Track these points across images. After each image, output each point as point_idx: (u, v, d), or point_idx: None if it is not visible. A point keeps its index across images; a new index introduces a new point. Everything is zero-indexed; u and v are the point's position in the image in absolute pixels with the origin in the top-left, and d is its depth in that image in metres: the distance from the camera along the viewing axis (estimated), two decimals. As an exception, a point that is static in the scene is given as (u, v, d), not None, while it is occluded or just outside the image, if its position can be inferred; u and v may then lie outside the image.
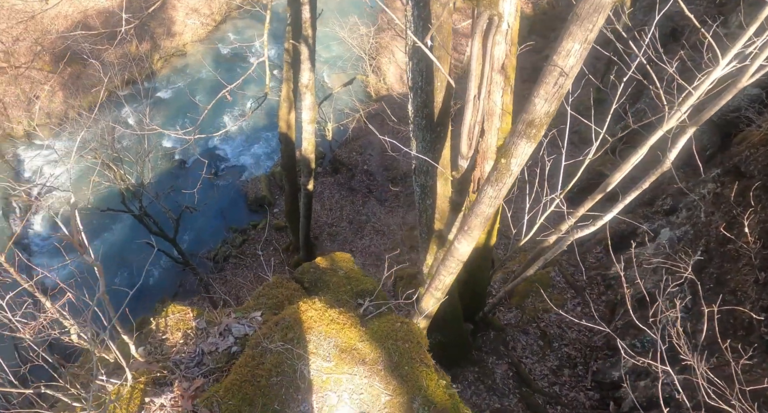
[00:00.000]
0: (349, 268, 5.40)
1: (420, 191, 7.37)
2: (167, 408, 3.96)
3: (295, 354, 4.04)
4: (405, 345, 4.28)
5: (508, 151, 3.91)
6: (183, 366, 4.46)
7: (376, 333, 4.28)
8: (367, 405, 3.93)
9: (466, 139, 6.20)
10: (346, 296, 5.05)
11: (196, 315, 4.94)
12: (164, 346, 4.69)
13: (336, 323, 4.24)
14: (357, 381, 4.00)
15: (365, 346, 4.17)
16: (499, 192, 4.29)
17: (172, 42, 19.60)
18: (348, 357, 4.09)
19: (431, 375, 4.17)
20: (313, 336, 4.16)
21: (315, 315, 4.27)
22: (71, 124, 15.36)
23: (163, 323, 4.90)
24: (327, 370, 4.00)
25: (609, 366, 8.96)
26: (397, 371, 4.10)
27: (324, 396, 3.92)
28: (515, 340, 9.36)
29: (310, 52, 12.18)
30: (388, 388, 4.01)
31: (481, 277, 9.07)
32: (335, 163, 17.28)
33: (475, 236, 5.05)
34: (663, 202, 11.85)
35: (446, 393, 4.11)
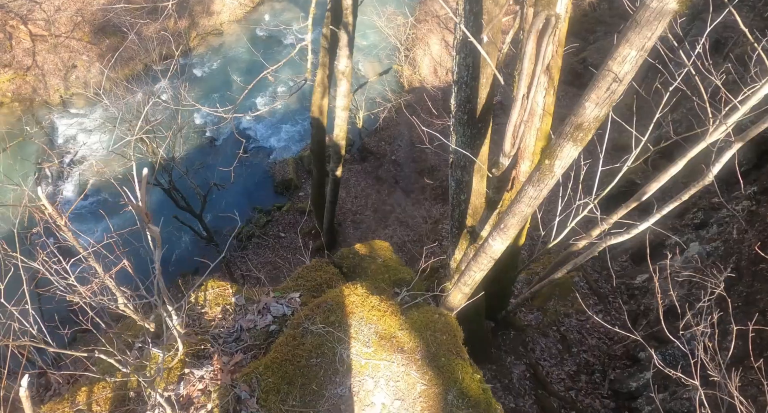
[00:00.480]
0: (387, 257, 5.44)
1: (455, 186, 7.37)
2: (206, 381, 4.05)
3: (336, 338, 4.09)
4: (443, 336, 4.31)
5: (553, 153, 3.90)
6: (221, 341, 4.54)
7: (415, 323, 4.32)
8: (403, 392, 3.97)
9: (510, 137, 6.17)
10: (384, 284, 5.10)
11: (235, 291, 5.02)
12: (203, 320, 4.77)
13: (377, 310, 4.29)
14: (394, 369, 4.05)
15: (404, 335, 4.21)
16: (540, 192, 4.28)
17: (210, 20, 19.71)
18: (387, 344, 4.14)
19: (467, 368, 4.20)
20: (354, 320, 4.21)
21: (357, 300, 4.32)
22: (107, 95, 15.53)
23: (202, 297, 4.98)
24: (366, 355, 4.05)
25: (627, 376, 8.92)
26: (434, 362, 4.13)
27: (361, 380, 3.97)
28: (534, 342, 9.36)
29: (350, 39, 12.17)
30: (424, 378, 4.05)
31: (507, 276, 9.06)
32: (364, 152, 17.31)
33: (511, 235, 5.05)
34: (694, 216, 11.71)
35: (480, 388, 4.15)
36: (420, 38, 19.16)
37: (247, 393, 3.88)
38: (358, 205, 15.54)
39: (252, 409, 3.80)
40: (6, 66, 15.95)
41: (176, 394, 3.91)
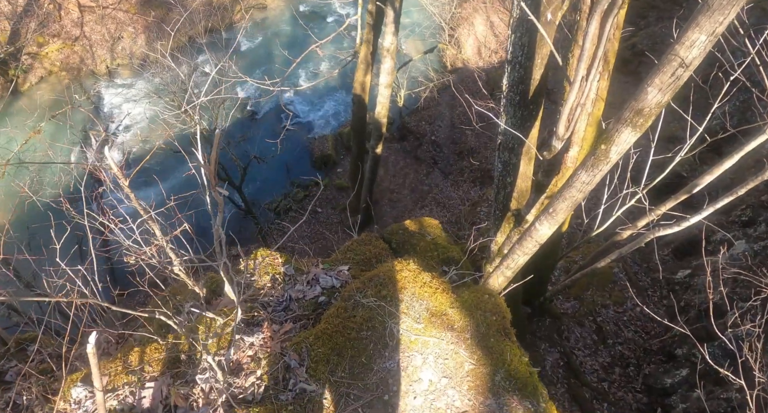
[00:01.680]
0: (436, 234, 5.40)
1: (502, 167, 7.27)
2: (256, 347, 4.09)
3: (387, 312, 4.09)
4: (492, 317, 4.27)
5: (610, 138, 3.77)
6: (270, 309, 4.59)
7: (465, 302, 4.29)
8: (451, 370, 3.96)
9: (565, 120, 6.02)
10: (433, 262, 5.07)
11: (284, 261, 5.05)
12: (253, 288, 4.82)
13: (429, 286, 4.26)
14: (443, 346, 4.03)
15: (455, 313, 4.18)
16: (593, 178, 4.16)
17: (252, 0, 19.72)
18: (438, 322, 4.12)
19: (515, 350, 4.15)
20: (405, 296, 4.19)
21: (409, 275, 4.30)
22: (152, 66, 15.74)
23: (252, 265, 5.03)
24: (416, 331, 4.04)
25: (662, 371, 8.76)
26: (483, 342, 4.10)
27: (410, 356, 3.97)
28: (570, 331, 9.25)
29: (396, 15, 12.01)
30: (473, 357, 4.02)
31: (546, 263, 8.94)
32: (403, 130, 17.20)
33: (560, 220, 4.94)
34: (742, 213, 11.34)
35: (528, 370, 4.10)
36: (465, 18, 18.81)
37: (296, 361, 3.91)
38: (396, 183, 15.49)
39: (301, 378, 3.84)
40: (55, 36, 16.25)
41: (226, 359, 3.96)
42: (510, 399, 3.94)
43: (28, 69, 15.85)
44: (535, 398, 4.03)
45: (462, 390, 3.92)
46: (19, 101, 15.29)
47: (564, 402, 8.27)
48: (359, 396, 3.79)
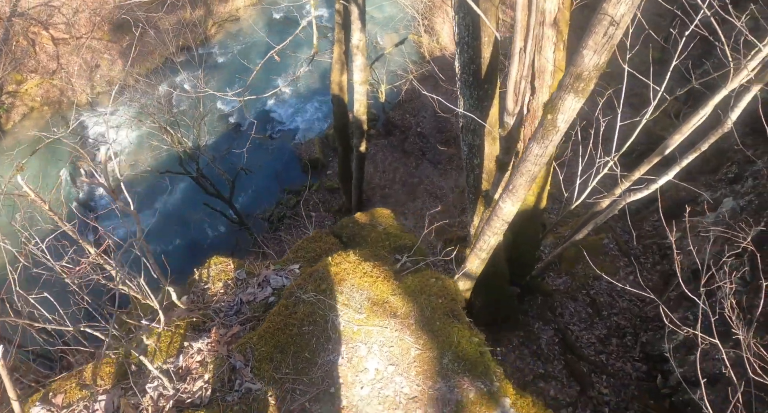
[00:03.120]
0: (388, 224, 5.40)
1: (467, 150, 7.26)
2: (204, 352, 4.13)
3: (327, 305, 4.10)
4: (438, 300, 4.26)
5: (555, 107, 3.75)
6: (222, 314, 4.63)
7: (409, 288, 4.28)
8: (397, 357, 3.96)
9: (512, 94, 6.00)
10: (384, 251, 5.07)
11: (236, 266, 5.09)
12: (206, 295, 4.87)
13: (369, 276, 4.27)
14: (387, 334, 4.03)
15: (397, 300, 4.18)
16: (545, 150, 4.15)
17: (226, 7, 19.79)
18: (380, 310, 4.12)
19: (463, 331, 4.14)
20: (345, 287, 4.20)
21: (348, 267, 4.31)
22: (130, 91, 15.92)
23: (206, 273, 5.07)
24: (358, 322, 4.05)
25: (659, 338, 8.66)
26: (428, 326, 4.10)
27: (354, 346, 3.98)
28: (563, 306, 9.19)
29: (360, 12, 12.05)
30: (419, 342, 4.02)
31: (530, 240, 8.89)
32: (388, 125, 17.20)
33: (521, 195, 4.93)
34: (727, 170, 11.20)
35: (477, 351, 4.09)
36: (438, 6, 18.74)
37: (242, 362, 3.95)
38: (386, 179, 15.50)
39: (246, 378, 3.87)
40: (33, 71, 16.49)
41: (175, 366, 4.01)
42: (461, 381, 3.94)
43: (10, 108, 16.12)
44: (488, 378, 4.02)
45: (410, 376, 3.92)
46: (4, 141, 15.57)
47: (562, 378, 8.22)
48: (305, 390, 3.81)
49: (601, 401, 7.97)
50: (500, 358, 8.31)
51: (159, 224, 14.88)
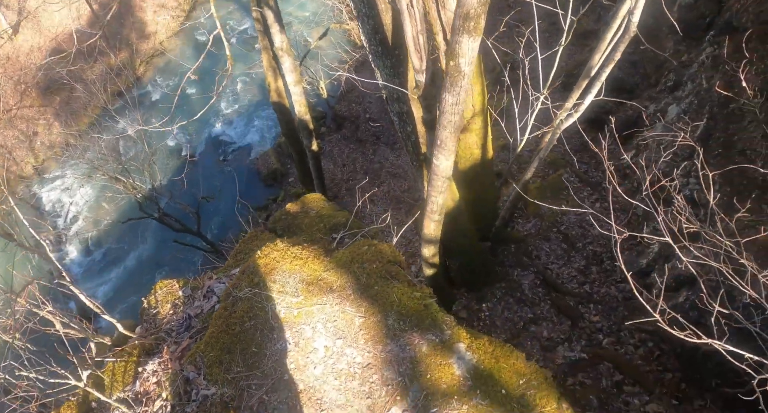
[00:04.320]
0: (320, 207, 5.46)
1: (398, 120, 7.32)
2: (159, 373, 4.19)
3: (264, 297, 4.17)
4: (372, 265, 4.33)
5: (454, 52, 3.82)
6: (174, 333, 4.68)
7: (341, 261, 4.35)
8: (343, 330, 4.04)
9: (414, 51, 6.07)
10: (320, 233, 5.13)
11: (182, 284, 5.14)
12: (157, 319, 4.92)
13: (299, 258, 4.33)
14: (328, 310, 4.10)
15: (331, 275, 4.25)
16: (459, 97, 4.22)
17: (148, 43, 19.71)
18: (315, 289, 4.19)
19: (403, 289, 4.22)
20: (278, 275, 4.27)
21: (278, 255, 4.37)
22: (74, 149, 15.86)
23: (153, 299, 5.12)
24: (297, 305, 4.12)
25: (636, 255, 8.81)
26: (366, 292, 4.17)
27: (298, 330, 4.05)
28: (538, 249, 9.30)
29: (275, 14, 12.10)
30: (360, 310, 4.10)
31: (487, 193, 9.00)
32: (337, 119, 17.24)
33: (451, 148, 5.01)
34: (666, 79, 11.36)
35: (421, 305, 4.17)
36: None
37: (194, 372, 4.01)
38: (348, 171, 15.56)
39: (201, 386, 3.93)
40: (-31, 155, 16.41)
41: (132, 392, 4.07)
42: (410, 338, 4.02)
43: (-45, 195, 15.99)
44: (437, 328, 4.10)
45: (359, 345, 4.00)
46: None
47: (551, 317, 8.34)
48: (260, 384, 3.88)
49: (594, 329, 8.10)
50: (487, 315, 8.42)
51: (135, 272, 14.88)
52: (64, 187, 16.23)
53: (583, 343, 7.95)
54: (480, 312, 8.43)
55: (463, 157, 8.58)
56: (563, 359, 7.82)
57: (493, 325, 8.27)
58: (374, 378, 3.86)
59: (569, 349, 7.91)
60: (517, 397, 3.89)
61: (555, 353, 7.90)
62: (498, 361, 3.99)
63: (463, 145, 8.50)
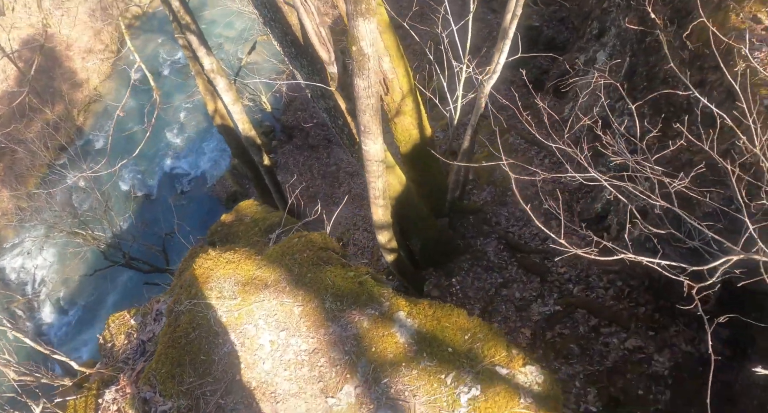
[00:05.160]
0: (254, 212, 5.64)
1: (327, 115, 7.56)
2: (118, 400, 4.33)
3: (204, 306, 4.32)
4: (303, 255, 4.52)
5: (354, 37, 4.00)
6: (130, 361, 4.82)
7: (272, 256, 4.53)
8: (284, 322, 4.21)
9: (319, 45, 6.31)
10: (257, 237, 5.30)
11: (133, 313, 5.27)
12: (114, 352, 5.05)
13: (232, 262, 4.50)
14: (267, 306, 4.28)
15: (264, 272, 4.42)
16: (369, 80, 4.41)
17: (83, 91, 19.70)
18: (251, 288, 4.36)
19: (336, 271, 4.40)
20: (213, 282, 4.43)
21: (211, 263, 4.53)
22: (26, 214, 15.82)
23: (108, 333, 5.24)
24: (236, 307, 4.28)
25: (590, 201, 9.10)
26: (301, 281, 4.35)
27: (242, 330, 4.21)
28: (497, 215, 9.55)
29: (199, 37, 12.24)
30: (298, 300, 4.28)
31: (432, 171, 9.21)
32: (286, 129, 17.42)
33: (376, 132, 5.20)
34: (591, 28, 11.72)
35: (355, 283, 4.36)
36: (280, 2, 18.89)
37: (150, 392, 4.15)
38: (306, 179, 15.73)
39: (159, 403, 4.08)
40: None
41: (94, 425, 4.20)
42: (350, 316, 4.21)
43: None
44: (375, 302, 4.29)
45: (302, 333, 4.18)
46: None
47: (521, 278, 8.60)
48: (214, 390, 4.04)
49: (563, 280, 8.36)
50: (459, 288, 8.64)
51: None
52: (24, 253, 16.20)
53: (555, 296, 8.21)
54: (451, 287, 8.65)
55: (402, 140, 8.79)
56: (539, 315, 8.07)
57: (466, 297, 8.49)
58: (322, 362, 4.04)
59: (543, 304, 8.16)
60: (465, 352, 4.09)
61: (530, 311, 8.15)
62: (440, 322, 4.19)
63: (399, 128, 8.71)
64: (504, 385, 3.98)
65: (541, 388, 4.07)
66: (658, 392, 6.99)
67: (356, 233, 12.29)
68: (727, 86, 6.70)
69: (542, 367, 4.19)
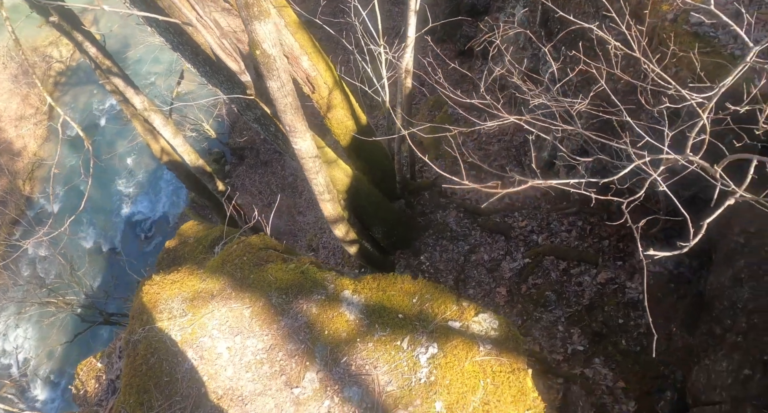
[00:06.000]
0: (195, 232, 5.79)
1: (258, 126, 7.76)
2: (97, 442, 4.47)
3: (157, 329, 4.48)
4: (243, 258, 4.69)
5: (254, 41, 4.17)
6: (103, 402, 4.96)
7: (214, 267, 4.70)
8: (237, 326, 4.38)
9: (226, 57, 6.48)
10: (202, 255, 5.45)
11: (99, 356, 5.40)
12: (88, 399, 5.18)
13: (176, 282, 4.66)
14: (218, 315, 4.44)
15: (208, 283, 4.59)
16: (281, 80, 4.57)
17: (23, 159, 19.63)
18: (199, 302, 4.52)
19: (277, 267, 4.59)
20: (162, 305, 4.58)
21: (156, 288, 4.68)
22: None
23: (79, 382, 5.37)
24: (188, 323, 4.44)
25: (539, 149, 9.38)
26: (245, 284, 4.53)
27: (198, 344, 4.37)
28: (450, 186, 9.78)
29: (124, 79, 12.31)
30: (245, 302, 4.45)
31: (376, 157, 9.42)
32: (236, 152, 17.56)
33: (302, 129, 5.37)
34: (508, -15, 12.03)
35: (297, 273, 4.54)
36: (193, 24, 18.98)
37: (123, 425, 4.30)
38: (266, 196, 15.87)
39: (133, 433, 4.22)
40: None
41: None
42: (298, 306, 4.39)
43: None
44: (320, 287, 4.48)
45: (257, 333, 4.35)
46: None
47: (486, 240, 8.84)
48: (183, 407, 4.20)
49: (526, 231, 8.63)
50: (428, 264, 8.86)
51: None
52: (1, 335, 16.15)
53: (522, 250, 8.47)
54: (421, 265, 8.87)
55: (340, 133, 9.00)
56: (510, 271, 8.33)
57: (438, 271, 8.72)
58: (281, 356, 4.22)
59: (512, 261, 8.42)
60: (415, 315, 4.30)
61: (501, 270, 8.40)
62: (386, 292, 4.40)
63: (335, 122, 8.91)
64: (460, 338, 4.19)
65: (497, 332, 4.28)
66: (637, 317, 7.28)
67: (323, 236, 12.46)
68: (633, 9, 7.00)
69: (494, 313, 4.42)
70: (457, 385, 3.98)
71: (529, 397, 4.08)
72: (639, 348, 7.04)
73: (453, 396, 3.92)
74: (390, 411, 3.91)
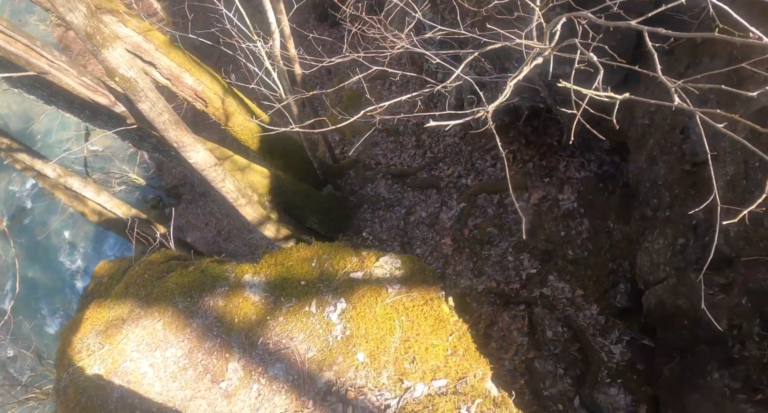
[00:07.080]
0: (107, 269, 6.04)
1: (159, 153, 8.08)
2: None
3: (79, 369, 4.68)
4: (145, 276, 4.92)
5: (109, 69, 4.37)
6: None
7: (118, 294, 4.92)
8: (153, 341, 4.60)
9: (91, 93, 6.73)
10: (118, 291, 5.66)
11: None
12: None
13: (86, 319, 4.89)
14: (132, 337, 4.66)
15: (117, 310, 4.82)
16: (150, 100, 4.78)
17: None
18: (112, 331, 4.74)
19: (177, 273, 4.83)
20: (78, 345, 4.79)
21: (69, 331, 4.90)
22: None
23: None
24: (108, 354, 4.65)
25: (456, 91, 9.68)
26: (150, 299, 4.76)
27: (122, 370, 4.59)
28: (373, 157, 10.08)
29: (28, 152, 12.36)
30: (155, 316, 4.68)
31: (292, 150, 9.66)
32: (171, 192, 17.68)
33: (190, 141, 5.59)
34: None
35: (197, 273, 4.78)
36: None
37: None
38: (214, 226, 16.01)
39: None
40: None
41: None
42: (205, 304, 4.64)
43: None
44: (221, 279, 4.73)
45: (173, 342, 4.58)
46: None
47: (418, 198, 9.14)
48: (124, 433, 4.41)
49: (454, 178, 8.97)
50: (372, 238, 9.14)
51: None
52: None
53: (455, 197, 8.78)
54: (365, 241, 9.14)
55: (246, 138, 9.23)
56: (449, 220, 8.63)
57: (382, 241, 8.99)
58: (201, 357, 4.45)
59: (448, 209, 8.72)
60: (317, 277, 4.56)
61: (441, 221, 8.70)
62: (284, 264, 4.65)
63: (238, 129, 9.14)
64: (366, 286, 4.46)
65: (403, 270, 4.56)
66: (577, 224, 7.63)
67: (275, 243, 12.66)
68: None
69: (395, 253, 4.70)
70: (373, 332, 4.24)
71: (448, 322, 4.35)
72: (586, 254, 7.39)
73: (372, 343, 4.18)
74: (316, 375, 4.17)
